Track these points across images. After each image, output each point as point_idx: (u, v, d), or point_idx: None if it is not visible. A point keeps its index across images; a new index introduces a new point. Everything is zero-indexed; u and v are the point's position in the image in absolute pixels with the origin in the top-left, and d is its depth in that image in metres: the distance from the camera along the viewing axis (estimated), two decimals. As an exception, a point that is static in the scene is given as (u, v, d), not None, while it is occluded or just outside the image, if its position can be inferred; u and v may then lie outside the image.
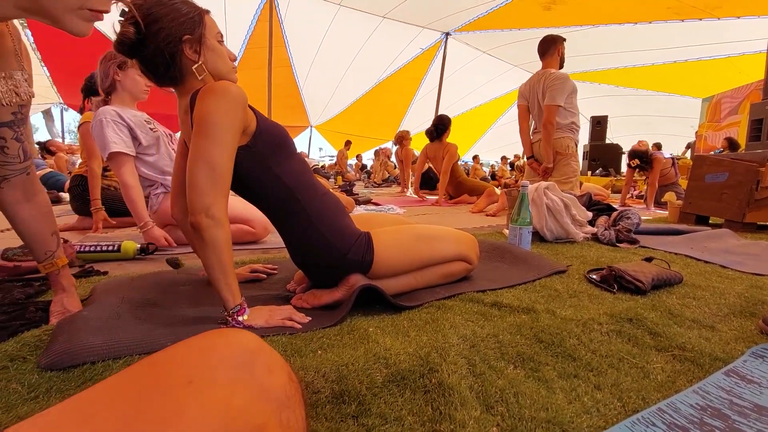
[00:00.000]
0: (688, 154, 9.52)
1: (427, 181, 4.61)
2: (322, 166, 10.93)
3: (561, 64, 2.83)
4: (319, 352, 0.79)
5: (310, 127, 14.47)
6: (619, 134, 10.84)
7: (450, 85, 9.35)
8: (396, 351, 0.76)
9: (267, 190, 0.97)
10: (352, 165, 12.25)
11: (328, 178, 7.40)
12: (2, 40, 0.74)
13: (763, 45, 3.64)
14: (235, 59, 1.03)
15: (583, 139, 8.55)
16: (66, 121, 13.24)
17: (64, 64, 8.49)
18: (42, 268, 0.91)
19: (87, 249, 1.50)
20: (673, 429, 0.58)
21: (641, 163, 3.92)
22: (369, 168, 10.78)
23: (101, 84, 1.84)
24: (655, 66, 8.51)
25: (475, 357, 0.75)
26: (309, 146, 15.26)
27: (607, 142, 8.21)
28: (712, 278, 1.32)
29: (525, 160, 3.08)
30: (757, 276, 1.36)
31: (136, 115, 1.81)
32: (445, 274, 1.17)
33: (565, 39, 2.85)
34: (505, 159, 12.02)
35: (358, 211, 3.22)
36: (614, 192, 6.22)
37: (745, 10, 5.96)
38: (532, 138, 2.97)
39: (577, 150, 2.81)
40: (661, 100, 10.33)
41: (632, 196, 5.17)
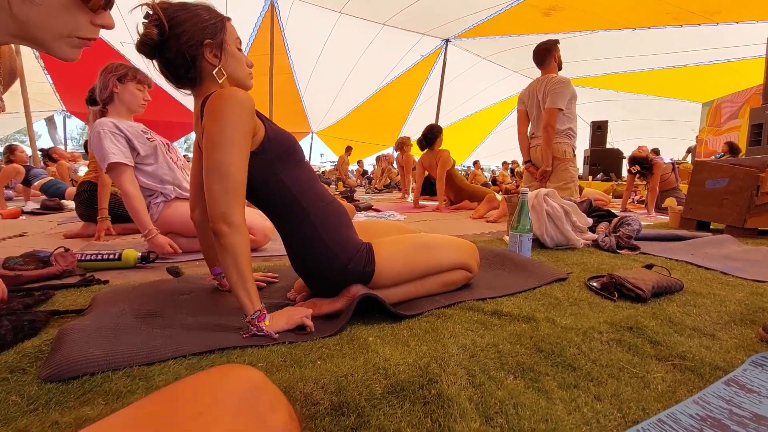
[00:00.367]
0: (689, 159, 9.52)
1: (429, 187, 4.63)
2: (323, 172, 10.95)
3: (559, 67, 2.84)
4: (319, 362, 0.79)
5: (311, 134, 14.55)
6: (620, 139, 10.86)
7: (450, 91, 9.41)
8: (395, 361, 0.76)
9: (273, 197, 0.97)
10: (353, 171, 12.28)
11: (329, 185, 7.41)
12: None
13: (762, 50, 3.65)
14: (252, 66, 1.04)
15: (584, 144, 8.56)
16: (68, 128, 13.34)
17: (67, 72, 8.60)
18: None
19: (88, 258, 1.51)
20: (674, 441, 0.57)
21: (642, 169, 3.92)
22: (370, 174, 10.80)
23: (99, 95, 1.86)
24: (655, 71, 8.54)
25: (475, 367, 0.75)
26: (310, 152, 15.34)
27: (608, 146, 8.20)
28: (713, 285, 1.32)
29: (523, 165, 3.09)
30: (758, 283, 1.36)
31: (133, 126, 1.84)
32: (445, 282, 1.17)
33: (558, 41, 2.85)
34: (506, 164, 12.03)
35: (359, 217, 3.23)
36: (615, 197, 6.21)
37: (744, 15, 5.99)
38: (530, 143, 2.98)
39: (575, 156, 2.81)
40: (661, 105, 10.33)
41: (633, 201, 5.16)
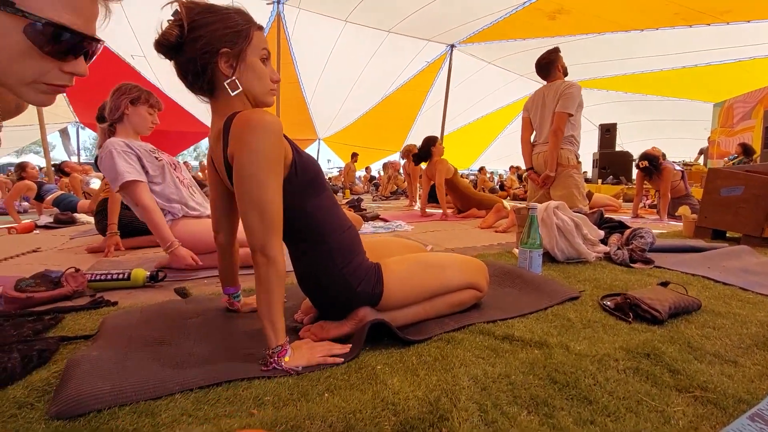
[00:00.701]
0: (701, 160, 9.36)
1: (436, 195, 4.63)
2: (330, 179, 10.96)
3: (565, 74, 2.82)
4: (326, 395, 0.77)
5: (318, 140, 14.61)
6: (630, 141, 10.70)
7: (456, 97, 9.38)
8: (405, 395, 0.74)
9: (293, 223, 0.94)
10: (361, 177, 12.29)
11: (336, 192, 7.41)
12: None
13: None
14: (278, 81, 0.98)
15: (593, 147, 8.46)
16: (81, 139, 13.57)
17: (81, 84, 8.66)
18: None
19: (98, 278, 1.52)
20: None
21: (650, 166, 3.84)
22: (377, 179, 10.79)
23: (109, 114, 1.90)
24: (664, 71, 8.40)
25: (487, 402, 0.72)
26: (317, 159, 15.36)
27: (617, 149, 8.07)
28: (732, 303, 1.28)
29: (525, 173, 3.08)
30: (780, 299, 1.31)
31: (142, 146, 1.88)
32: (454, 303, 1.15)
33: (558, 49, 2.84)
34: (513, 169, 11.95)
35: (366, 228, 3.22)
36: (626, 201, 6.11)
37: (755, 14, 5.88)
38: (533, 150, 2.96)
39: (579, 163, 2.80)
40: (671, 105, 10.17)
41: (644, 206, 5.06)
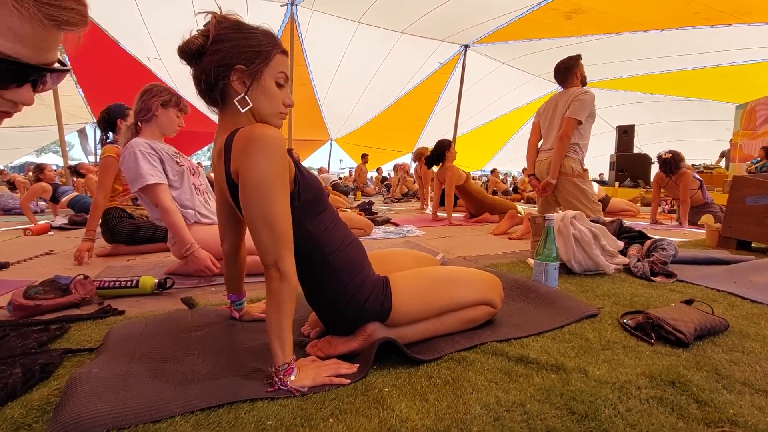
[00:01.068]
0: (723, 163, 9.08)
1: (447, 198, 4.59)
2: (341, 178, 10.94)
3: (583, 83, 2.74)
4: (331, 420, 0.74)
5: (330, 141, 14.65)
6: (648, 143, 10.46)
7: (469, 98, 9.29)
8: (413, 423, 0.71)
9: (296, 243, 0.90)
10: (372, 178, 12.25)
11: (347, 194, 7.38)
12: None
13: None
14: (291, 106, 0.97)
15: (610, 149, 8.30)
16: (99, 139, 13.88)
17: (98, 84, 9.00)
18: None
19: (106, 285, 1.51)
20: None
21: (672, 159, 3.74)
22: (389, 180, 10.74)
23: (137, 114, 1.87)
24: (684, 71, 8.18)
25: (500, 435, 0.68)
26: (329, 159, 15.41)
27: (635, 151, 7.89)
28: (762, 323, 1.20)
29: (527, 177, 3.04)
30: (813, 319, 1.23)
31: (165, 149, 1.86)
32: (466, 320, 1.10)
33: (580, 56, 2.76)
34: (527, 171, 11.76)
35: (377, 233, 3.18)
36: (644, 205, 5.96)
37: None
38: (537, 156, 2.93)
39: (585, 171, 2.73)
40: (692, 106, 9.89)
41: (663, 211, 4.92)
